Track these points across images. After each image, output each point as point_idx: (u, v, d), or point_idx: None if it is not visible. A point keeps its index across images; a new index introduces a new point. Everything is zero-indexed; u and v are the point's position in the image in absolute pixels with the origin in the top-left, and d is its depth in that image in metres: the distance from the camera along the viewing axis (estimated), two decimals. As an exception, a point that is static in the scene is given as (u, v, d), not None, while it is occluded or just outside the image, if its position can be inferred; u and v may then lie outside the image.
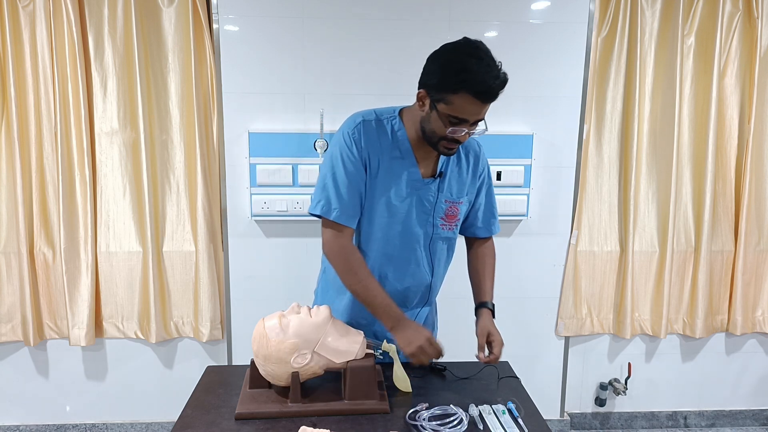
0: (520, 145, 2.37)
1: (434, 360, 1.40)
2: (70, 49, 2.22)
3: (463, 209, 1.53)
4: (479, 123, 1.32)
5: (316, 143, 2.26)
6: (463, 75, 1.22)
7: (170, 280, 2.46)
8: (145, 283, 2.42)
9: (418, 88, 1.34)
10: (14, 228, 2.34)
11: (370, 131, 1.40)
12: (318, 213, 1.40)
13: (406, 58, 2.29)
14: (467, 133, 1.31)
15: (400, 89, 2.32)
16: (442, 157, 1.46)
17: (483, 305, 1.54)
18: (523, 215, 2.44)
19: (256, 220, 2.37)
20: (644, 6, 2.39)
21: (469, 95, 1.23)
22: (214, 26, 2.23)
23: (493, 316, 1.53)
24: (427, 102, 1.31)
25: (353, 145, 1.38)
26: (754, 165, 2.54)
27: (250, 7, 2.23)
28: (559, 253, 2.54)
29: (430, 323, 1.66)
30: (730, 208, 2.61)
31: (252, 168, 2.30)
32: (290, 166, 2.29)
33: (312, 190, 2.32)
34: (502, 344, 1.44)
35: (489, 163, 2.31)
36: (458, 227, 1.55)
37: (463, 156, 1.51)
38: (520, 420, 1.27)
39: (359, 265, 1.40)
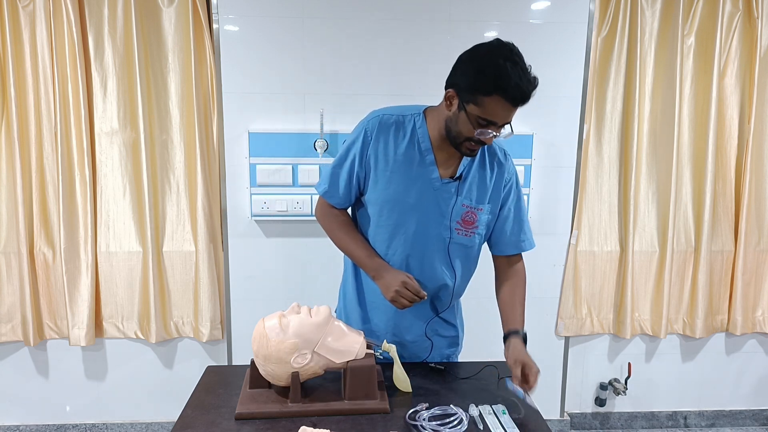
0: (520, 145, 2.37)
1: (416, 302, 1.37)
2: (70, 49, 2.22)
3: (483, 218, 1.47)
4: (506, 126, 1.31)
5: (316, 143, 2.26)
6: (498, 78, 1.22)
7: (170, 280, 2.46)
8: (145, 283, 2.42)
9: (446, 88, 1.33)
10: (14, 228, 2.34)
11: (384, 128, 1.40)
12: (319, 192, 1.51)
13: (407, 57, 2.29)
14: (494, 135, 1.30)
15: (401, 89, 2.32)
16: (464, 161, 1.43)
17: (514, 333, 1.47)
18: (523, 215, 2.44)
19: (256, 220, 2.37)
20: (644, 6, 2.39)
21: (501, 98, 1.23)
22: (214, 26, 2.23)
23: (525, 344, 1.45)
24: (456, 102, 1.30)
25: (361, 138, 1.41)
26: (754, 165, 2.54)
27: (250, 7, 2.23)
28: (559, 253, 2.54)
29: (454, 324, 1.64)
30: (730, 208, 2.61)
31: (252, 168, 2.30)
32: (290, 166, 2.29)
33: (312, 190, 2.36)
34: (538, 372, 1.35)
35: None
36: (478, 237, 1.49)
37: (487, 163, 1.47)
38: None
39: (337, 223, 1.50)
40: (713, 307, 2.67)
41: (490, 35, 2.32)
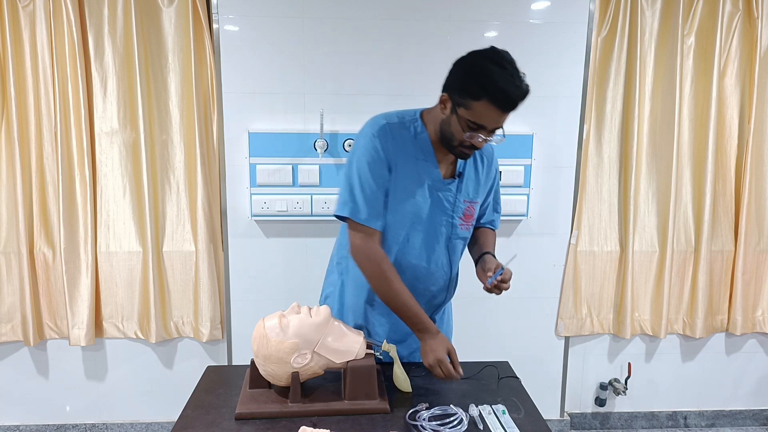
0: (520, 145, 2.37)
1: (449, 378, 1.37)
2: (70, 49, 2.22)
3: (477, 208, 1.57)
4: (497, 130, 1.34)
5: (316, 143, 2.26)
6: (486, 82, 1.24)
7: (170, 280, 2.46)
8: (145, 283, 2.42)
9: (442, 92, 1.36)
10: (14, 228, 2.34)
11: (394, 134, 1.40)
12: (346, 215, 1.39)
13: (406, 58, 2.29)
14: (484, 139, 1.33)
15: (401, 89, 2.32)
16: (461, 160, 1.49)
17: (486, 253, 1.56)
18: (523, 215, 2.44)
19: (256, 220, 2.37)
20: (644, 6, 2.39)
21: (489, 103, 1.26)
22: (214, 26, 2.23)
23: None
24: (449, 105, 1.34)
25: (378, 148, 1.38)
26: (754, 165, 2.54)
27: (250, 7, 2.23)
28: (559, 253, 2.54)
29: (447, 318, 1.68)
30: (730, 208, 2.61)
31: (252, 168, 2.30)
32: (290, 166, 2.29)
33: (312, 190, 2.35)
34: (511, 274, 1.45)
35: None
36: (473, 227, 1.59)
37: (478, 158, 1.53)
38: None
39: (391, 272, 1.39)
40: (713, 307, 2.67)
41: (490, 35, 2.32)
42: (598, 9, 2.38)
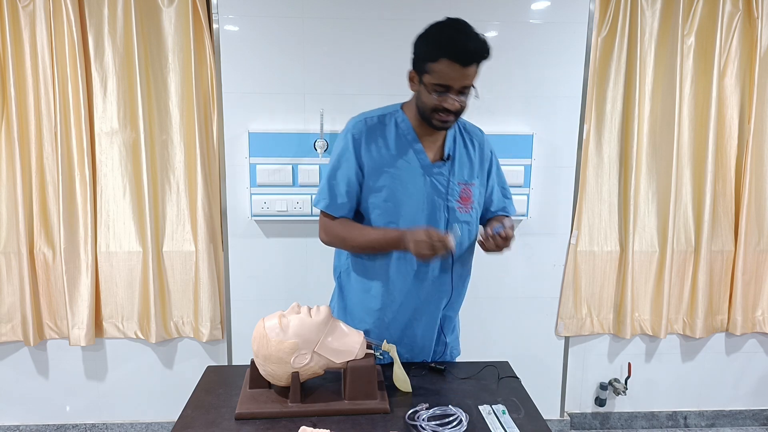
0: (520, 145, 2.37)
1: (443, 253, 1.34)
2: (70, 49, 2.22)
3: (475, 191, 1.55)
4: (468, 90, 1.38)
5: (316, 143, 2.26)
6: (440, 42, 1.32)
7: (170, 280, 2.46)
8: (145, 283, 2.42)
9: (409, 71, 1.43)
10: (14, 228, 2.34)
11: (371, 130, 1.48)
12: (321, 208, 1.51)
13: (407, 58, 2.28)
14: (455, 99, 1.36)
15: (400, 89, 2.30)
16: (448, 141, 1.52)
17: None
18: (523, 215, 2.44)
19: (256, 220, 2.37)
20: (644, 6, 2.39)
21: (447, 60, 1.31)
22: (214, 26, 2.23)
23: None
24: (416, 79, 1.42)
25: (350, 144, 1.47)
26: (754, 165, 2.54)
27: (250, 7, 2.23)
28: (559, 253, 2.54)
29: (452, 326, 1.67)
30: (730, 208, 2.61)
31: (252, 168, 2.30)
32: (290, 166, 2.29)
33: (312, 190, 2.37)
34: (512, 236, 1.42)
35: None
36: (474, 211, 1.55)
37: (468, 141, 1.57)
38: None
39: (349, 226, 1.49)
40: (713, 307, 2.67)
41: (490, 35, 2.31)
42: (598, 9, 2.38)
